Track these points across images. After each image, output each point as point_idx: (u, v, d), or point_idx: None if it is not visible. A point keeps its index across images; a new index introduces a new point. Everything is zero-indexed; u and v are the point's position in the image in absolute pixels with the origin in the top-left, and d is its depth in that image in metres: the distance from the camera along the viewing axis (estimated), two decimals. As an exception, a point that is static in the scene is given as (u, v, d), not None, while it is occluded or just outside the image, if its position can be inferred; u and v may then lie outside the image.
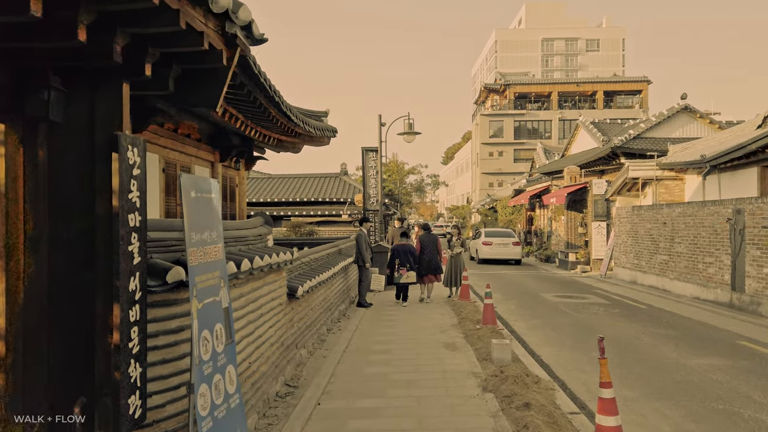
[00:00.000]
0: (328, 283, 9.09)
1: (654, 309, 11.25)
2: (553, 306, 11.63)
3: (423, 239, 12.04)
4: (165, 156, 8.19)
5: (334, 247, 11.62)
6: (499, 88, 59.83)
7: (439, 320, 9.74)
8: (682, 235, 12.84)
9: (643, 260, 14.95)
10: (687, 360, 7.08)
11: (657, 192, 15.58)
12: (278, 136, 11.25)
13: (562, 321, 9.86)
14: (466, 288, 11.98)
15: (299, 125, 9.67)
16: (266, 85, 5.64)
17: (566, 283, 16.23)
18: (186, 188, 3.12)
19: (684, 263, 12.80)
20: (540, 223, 28.48)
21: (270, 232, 5.88)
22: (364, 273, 11.45)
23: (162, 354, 3.37)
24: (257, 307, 4.96)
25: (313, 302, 7.67)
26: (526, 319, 10.14)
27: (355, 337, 8.38)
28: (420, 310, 10.96)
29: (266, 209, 19.57)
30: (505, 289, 14.80)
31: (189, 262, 3.07)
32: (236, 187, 11.95)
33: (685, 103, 21.98)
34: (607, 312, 10.82)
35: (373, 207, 16.11)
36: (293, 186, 21.42)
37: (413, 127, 16.05)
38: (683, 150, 15.51)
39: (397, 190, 40.55)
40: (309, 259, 8.31)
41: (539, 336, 8.61)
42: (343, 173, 22.35)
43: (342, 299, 10.76)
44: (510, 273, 19.50)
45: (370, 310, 11.08)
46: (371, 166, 16.29)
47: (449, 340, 8.00)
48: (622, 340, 8.26)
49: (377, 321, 9.83)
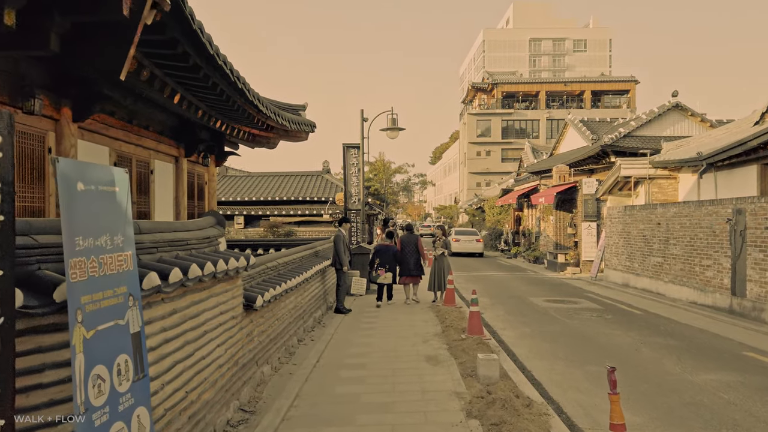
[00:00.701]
0: (300, 289, 8.31)
1: (650, 315, 10.61)
2: (543, 312, 10.94)
3: (403, 240, 11.76)
4: (117, 149, 7.36)
5: (310, 249, 10.83)
6: (487, 87, 59.35)
7: (421, 328, 9.00)
8: (678, 237, 12.23)
9: (635, 262, 14.35)
10: (693, 376, 6.40)
11: (650, 191, 14.99)
12: (250, 129, 10.45)
13: (553, 329, 9.16)
14: (451, 293, 11.25)
15: (270, 117, 8.88)
16: (213, 54, 4.83)
17: (556, 286, 15.59)
18: (66, 178, 2.32)
19: (680, 266, 12.19)
20: (528, 223, 27.89)
21: (222, 234, 5.09)
22: (342, 277, 10.68)
23: (51, 394, 2.57)
24: (199, 323, 4.17)
25: (279, 311, 6.88)
26: (515, 326, 9.43)
27: (329, 349, 7.60)
28: (402, 316, 10.21)
29: (244, 209, 18.73)
30: (492, 292, 14.11)
31: (68, 276, 2.28)
32: (205, 184, 11.13)
33: (676, 101, 21.50)
34: (601, 318, 10.15)
35: (354, 206, 15.33)
36: (273, 184, 20.56)
37: (397, 123, 15.30)
38: (677, 148, 14.93)
39: (383, 190, 39.79)
40: (277, 263, 7.51)
41: (529, 347, 7.90)
42: (326, 171, 21.51)
43: (318, 305, 9.97)
44: (497, 275, 18.83)
45: (348, 317, 10.31)
46: (353, 164, 15.50)
47: (431, 352, 7.26)
48: (620, 352, 7.57)
49: (355, 329, 9.06)
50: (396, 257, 11.51)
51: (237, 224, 18.24)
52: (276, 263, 7.46)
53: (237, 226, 18.26)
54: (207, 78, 6.09)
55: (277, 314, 6.74)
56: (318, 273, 10.22)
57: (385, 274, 11.33)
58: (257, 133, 10.78)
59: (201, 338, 4.21)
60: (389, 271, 11.37)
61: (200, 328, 4.18)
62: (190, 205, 10.08)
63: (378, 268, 11.39)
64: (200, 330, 4.18)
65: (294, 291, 7.79)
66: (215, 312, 4.54)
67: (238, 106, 7.64)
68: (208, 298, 4.38)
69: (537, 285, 15.75)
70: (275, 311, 6.65)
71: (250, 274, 6.12)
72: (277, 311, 6.74)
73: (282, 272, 7.71)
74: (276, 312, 6.70)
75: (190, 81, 6.26)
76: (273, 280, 6.91)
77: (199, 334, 4.15)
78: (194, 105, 7.49)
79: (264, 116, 8.56)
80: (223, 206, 18.94)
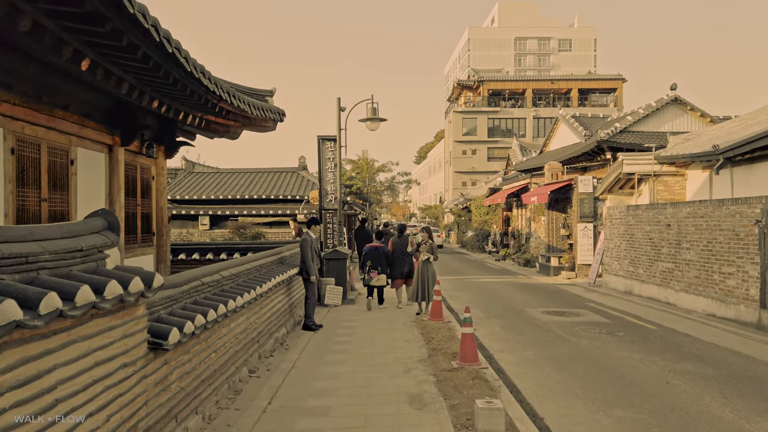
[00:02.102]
0: (255, 307, 6.75)
1: (665, 330, 9.23)
2: (545, 327, 9.50)
3: (395, 241, 11.35)
4: (17, 131, 5.75)
5: (274, 255, 9.26)
6: (473, 84, 58.15)
7: (403, 351, 7.48)
8: (692, 240, 10.89)
9: (640, 268, 13.00)
10: (751, 423, 4.97)
11: (655, 189, 13.66)
12: (202, 114, 8.84)
13: (560, 352, 7.70)
14: (438, 305, 9.76)
15: (224, 98, 7.31)
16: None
17: (552, 293, 14.20)
18: None
19: (694, 273, 10.85)
20: (518, 223, 26.56)
21: (113, 242, 3.52)
22: (310, 288, 9.14)
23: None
24: (50, 386, 2.62)
25: (219, 340, 5.31)
26: (516, 349, 7.95)
27: (287, 385, 6.05)
28: (380, 334, 8.70)
29: (210, 208, 17.04)
30: (484, 302, 12.66)
31: None
32: (152, 179, 9.51)
33: (674, 95, 20.31)
34: (612, 336, 8.74)
35: (330, 206, 13.75)
36: (244, 182, 18.88)
37: (378, 113, 13.78)
38: (685, 141, 13.63)
39: (366, 189, 38.22)
40: (221, 276, 5.94)
41: (537, 379, 6.42)
42: (302, 168, 19.87)
43: (281, 323, 8.41)
44: (487, 281, 17.41)
45: (318, 335, 8.77)
46: (329, 158, 13.93)
47: (415, 389, 5.75)
48: (647, 385, 6.13)
49: (323, 353, 7.52)
50: (387, 258, 11.11)
51: (202, 225, 16.55)
52: (219, 276, 5.88)
53: (202, 227, 16.57)
54: (120, 35, 4.56)
55: (214, 345, 5.18)
56: (282, 284, 8.67)
57: (378, 276, 10.92)
58: (214, 120, 9.19)
59: (54, 408, 2.66)
60: (382, 272, 10.95)
61: (51, 395, 2.63)
62: (129, 203, 8.46)
63: (370, 271, 10.97)
64: (50, 397, 2.62)
65: (244, 310, 6.23)
66: (87, 362, 2.98)
67: (175, 80, 6.06)
68: (71, 343, 2.82)
69: (531, 292, 14.35)
70: (211, 341, 5.09)
71: (171, 296, 4.55)
72: (214, 341, 5.17)
73: (229, 287, 6.14)
74: (213, 342, 5.13)
75: (100, 40, 4.72)
76: (212, 299, 5.35)
77: (48, 404, 2.60)
78: (115, 76, 5.90)
79: (214, 96, 6.99)
80: (186, 205, 17.24)
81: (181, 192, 17.55)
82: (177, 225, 16.95)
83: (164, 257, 9.95)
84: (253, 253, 11.87)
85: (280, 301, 8.44)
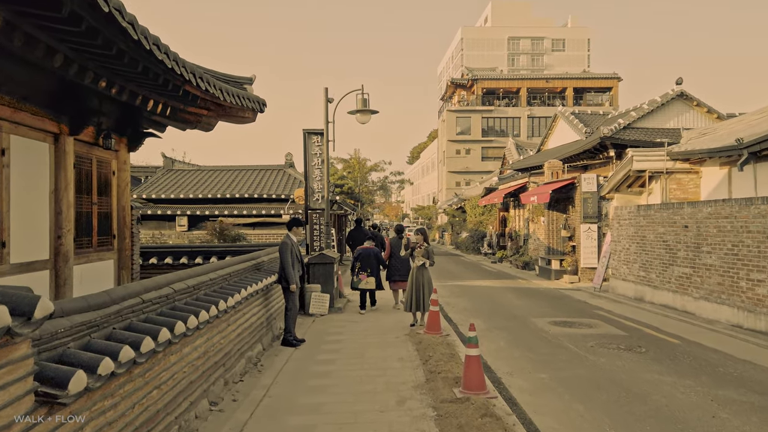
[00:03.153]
0: (219, 324, 5.65)
1: (691, 345, 8.23)
2: (556, 342, 8.45)
3: (393, 242, 10.99)
4: None
5: (249, 260, 8.17)
6: (467, 83, 57.21)
7: (396, 374, 6.41)
8: (714, 243, 9.90)
9: (653, 272, 12.01)
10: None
11: (667, 188, 12.68)
12: (166, 101, 7.73)
13: (579, 374, 6.65)
14: (435, 316, 8.69)
15: (189, 80, 6.22)
16: None
17: (556, 299, 13.18)
18: None
19: (716, 279, 9.86)
20: (515, 224, 25.57)
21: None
22: (290, 298, 8.05)
23: None
24: None
25: (163, 373, 4.21)
26: (526, 370, 6.89)
27: (255, 420, 4.96)
28: (371, 351, 7.62)
29: (189, 207, 15.88)
30: (484, 310, 11.61)
31: None
32: (112, 175, 8.39)
33: (680, 89, 19.40)
34: (634, 353, 7.70)
35: (317, 205, 12.64)
36: (226, 180, 17.71)
37: (368, 104, 12.70)
38: (700, 136, 12.67)
39: (358, 189, 37.14)
40: (171, 290, 4.83)
41: (558, 412, 5.35)
42: (289, 165, 18.72)
43: (255, 340, 7.31)
44: (485, 285, 16.37)
45: (298, 353, 7.68)
46: (315, 154, 12.82)
47: (410, 429, 4.68)
48: (689, 417, 5.09)
49: (303, 375, 6.44)
50: (380, 260, 10.86)
51: (179, 226, 15.39)
52: (169, 290, 4.78)
53: (179, 228, 15.41)
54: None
55: (157, 379, 4.08)
56: (259, 294, 7.57)
57: (367, 279, 10.64)
58: (182, 107, 8.07)
59: None
60: (371, 275, 10.66)
61: None
62: (83, 201, 7.36)
63: (359, 273, 10.71)
64: None
65: (204, 330, 5.13)
66: None
67: (120, 51, 4.98)
68: None
69: (534, 298, 13.32)
70: (152, 375, 3.99)
71: (90, 321, 3.45)
72: (157, 374, 4.07)
73: (184, 302, 5.04)
74: (155, 375, 4.03)
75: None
76: (155, 320, 4.25)
77: None
78: (43, 44, 4.80)
79: (176, 76, 5.91)
80: (163, 205, 16.06)
81: (158, 191, 16.37)
82: (153, 226, 15.79)
83: (126, 263, 8.83)
84: (231, 256, 10.80)
85: (254, 314, 7.34)
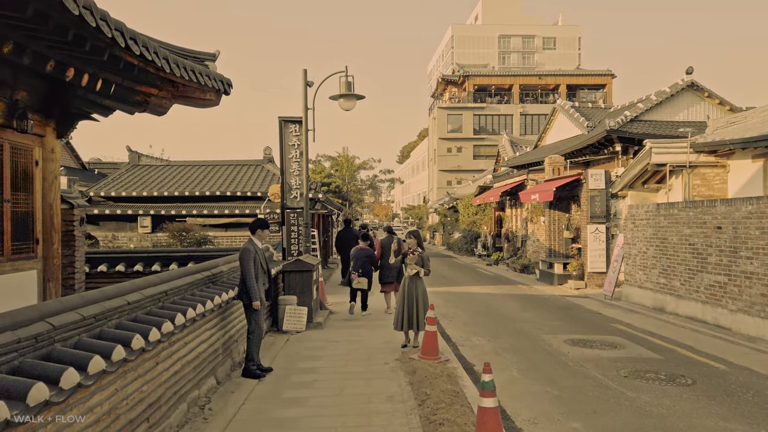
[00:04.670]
0: (142, 365, 4.07)
1: (742, 372, 6.77)
2: (580, 370, 6.93)
3: (383, 243, 10.80)
4: None
5: (202, 271, 6.57)
6: (458, 79, 55.81)
7: (383, 424, 4.86)
8: (756, 247, 8.47)
9: (676, 280, 10.57)
10: None
11: (690, 184, 11.27)
12: (97, 72, 6.13)
13: (623, 422, 5.12)
14: (431, 338, 7.14)
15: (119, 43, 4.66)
16: None
17: (565, 310, 11.71)
18: None
19: (759, 289, 8.43)
20: (512, 224, 24.12)
21: None
22: (254, 318, 6.46)
23: None
24: None
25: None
26: (553, 416, 5.34)
27: None
28: (351, 384, 6.06)
29: (152, 207, 14.20)
30: (486, 324, 10.09)
31: None
32: (34, 165, 6.78)
33: (690, 79, 18.03)
34: (679, 386, 6.21)
35: (295, 204, 11.02)
36: (198, 176, 16.05)
37: (353, 89, 11.13)
38: (728, 125, 11.27)
39: (346, 187, 35.55)
40: (49, 326, 3.23)
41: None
42: (267, 160, 17.11)
43: (205, 372, 5.72)
44: (483, 292, 14.87)
45: (262, 386, 6.10)
46: (293, 145, 11.21)
47: None
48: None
49: (262, 425, 4.86)
50: (372, 261, 10.59)
51: (142, 227, 13.72)
52: (47, 326, 3.18)
53: (142, 229, 13.74)
54: None
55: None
56: (213, 312, 6.00)
57: (358, 279, 10.46)
58: (122, 83, 6.47)
59: None
60: (363, 275, 10.46)
61: None
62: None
63: (351, 272, 10.58)
64: None
65: (113, 376, 3.55)
66: None
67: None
68: None
69: (540, 308, 11.84)
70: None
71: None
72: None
73: (82, 339, 3.45)
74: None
75: None
76: (26, 369, 2.66)
77: None
78: None
79: (100, 36, 4.34)
80: (124, 203, 14.36)
81: (119, 188, 14.68)
82: (112, 227, 14.11)
83: (55, 274, 7.21)
84: (195, 262, 9.26)
85: (204, 341, 5.76)
